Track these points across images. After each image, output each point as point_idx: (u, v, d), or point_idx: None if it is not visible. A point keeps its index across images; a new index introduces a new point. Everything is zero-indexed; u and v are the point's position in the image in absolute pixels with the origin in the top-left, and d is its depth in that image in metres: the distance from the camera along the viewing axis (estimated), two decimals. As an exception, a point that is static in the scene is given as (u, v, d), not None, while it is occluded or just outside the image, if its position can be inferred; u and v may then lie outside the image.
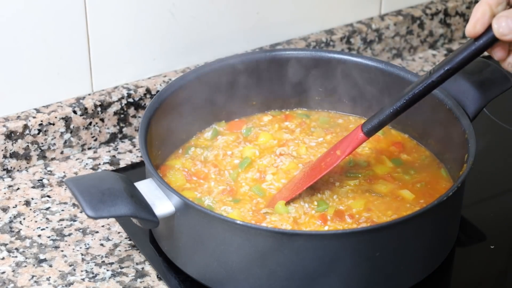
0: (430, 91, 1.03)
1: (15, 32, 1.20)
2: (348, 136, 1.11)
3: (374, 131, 1.09)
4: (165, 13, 1.30)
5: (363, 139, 1.09)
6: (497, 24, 0.93)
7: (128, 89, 1.30)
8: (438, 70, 1.01)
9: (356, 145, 1.09)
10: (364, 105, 1.27)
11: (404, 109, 1.05)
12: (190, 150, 1.22)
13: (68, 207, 1.20)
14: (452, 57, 1.00)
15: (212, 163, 1.19)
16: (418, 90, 1.03)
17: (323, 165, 1.12)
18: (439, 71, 1.01)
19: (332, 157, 1.11)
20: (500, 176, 1.26)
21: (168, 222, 1.05)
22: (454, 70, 1.00)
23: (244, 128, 1.25)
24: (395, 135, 1.25)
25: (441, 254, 1.09)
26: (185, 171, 1.18)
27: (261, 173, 1.16)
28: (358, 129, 1.09)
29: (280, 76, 1.26)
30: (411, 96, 1.04)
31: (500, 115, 1.36)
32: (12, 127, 1.23)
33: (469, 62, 0.99)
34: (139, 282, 1.08)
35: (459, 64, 0.99)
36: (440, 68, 1.01)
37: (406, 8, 1.51)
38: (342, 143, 1.11)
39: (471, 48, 0.97)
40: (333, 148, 1.12)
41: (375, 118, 1.08)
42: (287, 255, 0.99)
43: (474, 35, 0.96)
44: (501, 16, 0.93)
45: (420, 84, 1.03)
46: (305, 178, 1.13)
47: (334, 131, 1.25)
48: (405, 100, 1.05)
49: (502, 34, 0.93)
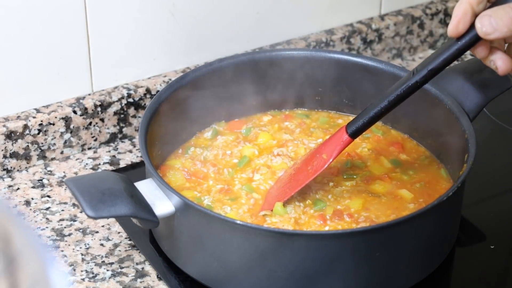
0: (413, 91, 1.02)
1: (15, 32, 1.20)
2: (333, 138, 1.10)
3: (359, 132, 1.08)
4: (165, 13, 1.30)
5: (348, 141, 1.08)
6: (480, 23, 0.93)
7: (128, 89, 1.30)
8: (421, 70, 1.00)
9: (342, 148, 1.08)
10: (364, 105, 1.27)
11: (388, 110, 1.05)
12: (190, 150, 1.22)
13: (68, 207, 1.20)
14: (435, 57, 0.99)
15: (212, 162, 1.19)
16: (402, 91, 1.02)
17: (310, 169, 1.10)
18: (422, 71, 1.00)
19: (319, 161, 1.10)
20: (500, 176, 1.26)
21: (168, 222, 1.05)
22: (437, 70, 1.00)
23: (244, 128, 1.25)
24: (395, 135, 1.25)
25: (441, 254, 1.09)
26: (185, 171, 1.18)
27: (254, 173, 1.16)
28: (343, 131, 1.08)
29: (280, 76, 1.26)
30: (394, 96, 1.03)
31: (500, 115, 1.36)
32: (12, 127, 1.23)
33: (452, 61, 0.99)
34: (139, 282, 1.08)
35: (442, 64, 0.99)
36: (423, 69, 1.00)
37: (406, 8, 1.51)
38: (327, 145, 1.10)
39: (454, 47, 0.97)
40: (318, 151, 1.11)
41: (359, 120, 1.07)
42: (287, 255, 0.99)
43: (456, 35, 0.96)
44: (484, 15, 0.93)
45: (403, 84, 1.02)
46: (292, 182, 1.12)
47: (334, 132, 1.25)
48: (388, 101, 1.04)
49: (486, 33, 0.93)
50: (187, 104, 1.21)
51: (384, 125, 1.26)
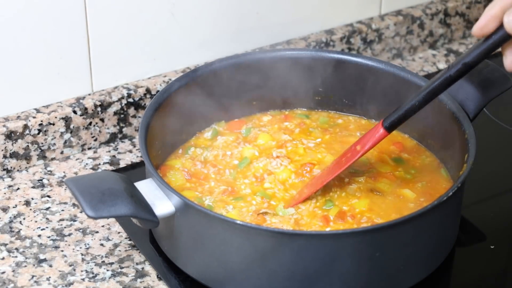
0: (448, 85, 1.04)
1: (15, 32, 1.20)
2: (369, 132, 1.11)
3: (395, 126, 1.09)
4: (165, 13, 1.30)
5: (384, 135, 1.10)
6: (507, 19, 0.94)
7: (128, 89, 1.30)
8: (456, 64, 1.02)
9: (377, 141, 1.10)
10: (364, 105, 1.27)
11: (423, 104, 1.06)
12: (190, 150, 1.22)
13: (68, 207, 1.20)
14: (469, 52, 1.01)
15: (212, 163, 1.19)
16: (436, 84, 1.04)
17: (344, 160, 1.12)
18: (457, 66, 1.02)
19: (353, 152, 1.12)
20: (500, 176, 1.26)
21: (168, 222, 1.05)
22: (470, 64, 1.01)
23: (244, 128, 1.25)
24: (395, 135, 1.25)
25: (441, 254, 1.09)
26: (185, 171, 1.18)
27: (257, 178, 1.16)
28: (379, 124, 1.10)
29: (280, 76, 1.26)
30: (429, 90, 1.05)
31: (500, 115, 1.36)
32: (12, 127, 1.23)
33: (485, 57, 1.00)
34: (139, 282, 1.08)
35: (475, 59, 1.00)
36: (458, 63, 1.02)
37: (406, 8, 1.51)
38: (363, 138, 1.12)
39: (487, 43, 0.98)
40: (354, 144, 1.13)
41: (395, 114, 1.09)
42: (287, 255, 0.99)
43: (480, 35, 0.97)
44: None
45: (438, 79, 1.04)
46: (327, 173, 1.13)
47: (333, 131, 1.25)
48: (423, 95, 1.05)
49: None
50: (187, 104, 1.21)
51: None
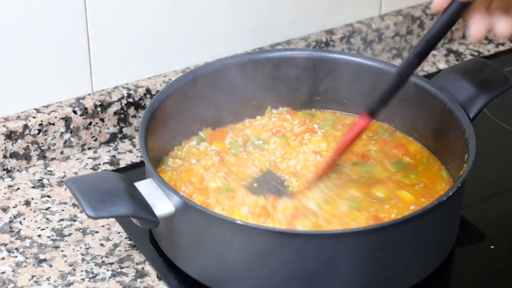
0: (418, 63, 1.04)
1: (15, 32, 1.20)
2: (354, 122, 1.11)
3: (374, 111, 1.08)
4: (165, 13, 1.30)
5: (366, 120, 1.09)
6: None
7: (128, 89, 1.31)
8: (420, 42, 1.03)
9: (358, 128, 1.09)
10: (364, 105, 1.27)
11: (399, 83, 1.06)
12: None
13: (68, 207, 1.20)
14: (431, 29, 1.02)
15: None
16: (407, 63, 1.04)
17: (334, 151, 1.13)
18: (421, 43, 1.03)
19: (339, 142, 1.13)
20: (500, 176, 1.26)
21: (168, 222, 1.05)
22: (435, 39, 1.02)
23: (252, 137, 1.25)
24: (400, 137, 1.25)
25: (441, 254, 1.09)
26: (185, 171, 1.18)
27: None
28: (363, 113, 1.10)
29: (280, 76, 1.26)
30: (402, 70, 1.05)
31: (500, 115, 1.36)
32: (12, 127, 1.23)
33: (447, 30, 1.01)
34: (139, 282, 1.08)
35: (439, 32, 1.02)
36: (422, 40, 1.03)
37: (406, 8, 1.51)
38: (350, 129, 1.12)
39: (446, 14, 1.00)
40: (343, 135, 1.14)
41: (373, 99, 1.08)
42: (287, 255, 0.99)
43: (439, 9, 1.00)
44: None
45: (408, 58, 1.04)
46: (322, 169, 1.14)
47: (333, 131, 1.25)
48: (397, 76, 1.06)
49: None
50: (187, 103, 1.21)
51: (389, 127, 1.26)
